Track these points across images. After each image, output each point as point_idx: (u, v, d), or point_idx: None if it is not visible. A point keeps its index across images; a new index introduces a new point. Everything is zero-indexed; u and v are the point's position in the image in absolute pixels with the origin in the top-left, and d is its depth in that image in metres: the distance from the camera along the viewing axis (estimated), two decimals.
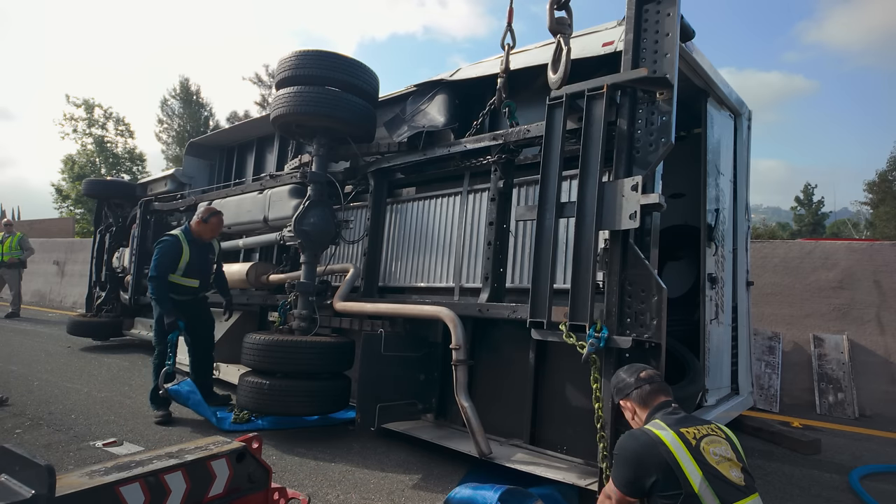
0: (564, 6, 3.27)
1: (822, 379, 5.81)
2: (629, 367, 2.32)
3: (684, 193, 5.04)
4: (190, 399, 4.02)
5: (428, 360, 3.87)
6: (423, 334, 3.94)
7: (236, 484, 2.03)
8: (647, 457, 1.82)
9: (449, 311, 3.51)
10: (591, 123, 2.91)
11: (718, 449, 1.84)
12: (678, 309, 4.34)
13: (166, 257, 4.34)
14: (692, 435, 1.85)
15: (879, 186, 28.95)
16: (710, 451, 1.82)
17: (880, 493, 3.31)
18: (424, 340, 3.91)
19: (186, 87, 32.12)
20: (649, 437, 1.86)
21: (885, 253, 6.03)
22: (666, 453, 1.79)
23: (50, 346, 7.32)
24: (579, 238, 2.84)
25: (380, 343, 3.52)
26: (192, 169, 7.48)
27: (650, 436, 1.87)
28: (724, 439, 1.90)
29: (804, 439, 4.18)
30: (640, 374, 2.20)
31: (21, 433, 3.59)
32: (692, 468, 1.75)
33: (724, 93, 4.12)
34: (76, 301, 12.59)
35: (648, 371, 2.22)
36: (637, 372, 2.22)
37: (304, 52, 4.31)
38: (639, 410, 2.14)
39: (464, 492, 2.58)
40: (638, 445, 1.87)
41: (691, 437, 1.84)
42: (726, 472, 1.78)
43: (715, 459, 1.80)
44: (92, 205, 18.82)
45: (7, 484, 1.52)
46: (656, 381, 2.18)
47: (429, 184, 4.64)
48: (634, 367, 2.30)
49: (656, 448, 1.82)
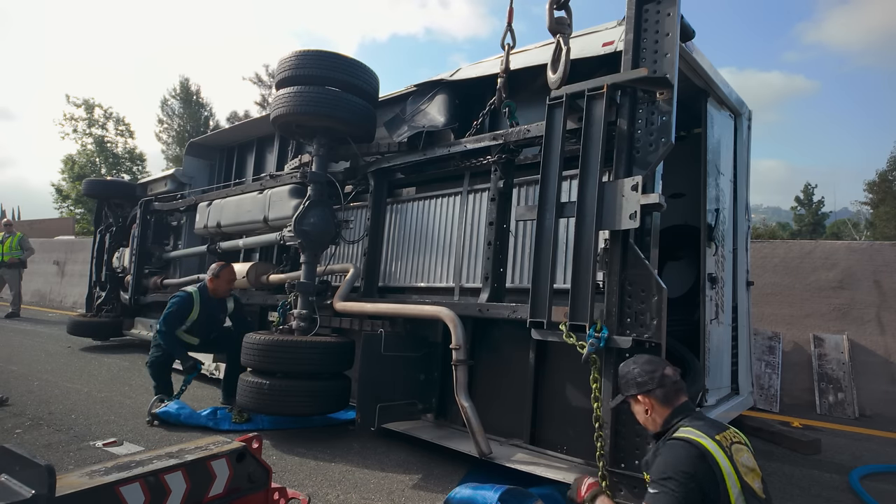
0: (564, 6, 3.27)
1: (822, 379, 5.81)
2: (647, 360, 2.12)
3: (684, 193, 5.04)
4: (181, 415, 4.01)
5: (428, 360, 3.87)
6: (423, 334, 3.93)
7: (236, 484, 2.03)
8: (701, 472, 1.68)
9: (449, 311, 3.51)
10: (591, 123, 2.91)
11: (743, 458, 1.75)
12: (678, 309, 4.34)
13: (174, 315, 4.50)
14: (726, 443, 1.75)
15: (879, 186, 28.96)
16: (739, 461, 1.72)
17: (880, 493, 3.31)
18: (424, 340, 3.91)
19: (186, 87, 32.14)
20: (697, 449, 1.72)
21: (885, 253, 6.03)
22: (714, 466, 1.68)
23: (50, 346, 7.32)
24: (579, 238, 2.84)
25: (380, 343, 3.52)
26: (192, 169, 7.48)
27: (697, 447, 1.72)
28: (745, 446, 1.80)
29: (804, 439, 4.18)
30: (664, 370, 2.04)
31: (21, 433, 3.59)
32: (733, 481, 1.66)
33: (724, 93, 4.12)
34: (76, 301, 12.59)
35: (672, 368, 2.07)
36: (660, 367, 2.05)
37: (305, 52, 4.31)
38: (658, 408, 1.99)
39: (464, 492, 2.59)
40: (691, 459, 1.71)
41: (726, 445, 1.74)
42: (752, 483, 1.70)
43: (743, 470, 1.71)
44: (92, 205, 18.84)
45: (7, 484, 1.52)
46: (679, 380, 2.04)
47: (429, 184, 4.64)
48: (654, 361, 2.11)
49: (705, 460, 1.69)
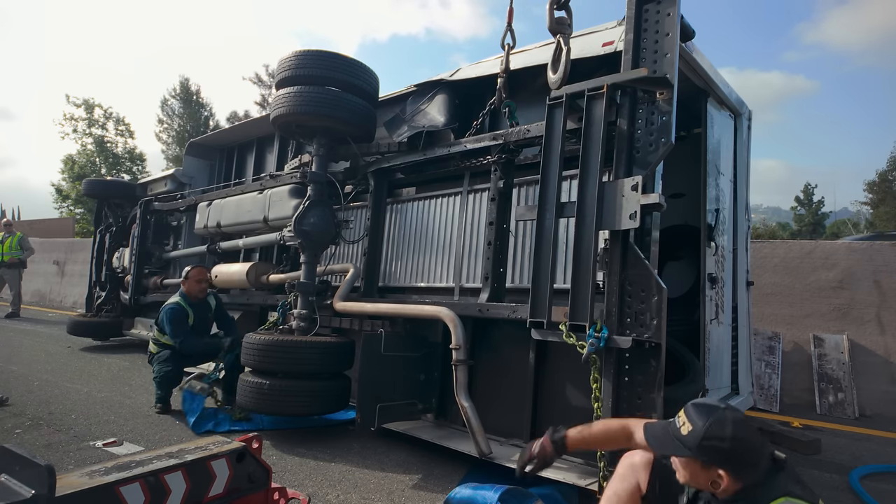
0: (564, 6, 3.27)
1: (822, 379, 5.81)
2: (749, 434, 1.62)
3: (684, 193, 5.04)
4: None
5: (428, 360, 3.87)
6: (423, 334, 3.93)
7: (236, 484, 2.03)
8: None
9: (449, 311, 3.51)
10: (591, 123, 2.91)
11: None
12: (678, 309, 4.34)
13: (177, 322, 4.55)
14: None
15: (879, 186, 28.98)
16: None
17: (880, 493, 3.31)
18: (424, 340, 3.91)
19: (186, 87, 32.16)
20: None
21: (885, 253, 6.03)
22: None
23: (50, 346, 7.32)
24: (579, 238, 2.84)
25: (380, 343, 3.52)
26: (192, 169, 7.48)
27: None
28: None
29: (804, 439, 4.17)
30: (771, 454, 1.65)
31: (21, 433, 3.59)
32: None
33: (724, 93, 4.12)
34: (76, 301, 12.59)
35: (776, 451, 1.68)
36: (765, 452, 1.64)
37: (304, 52, 4.31)
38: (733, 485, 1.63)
39: (464, 492, 2.58)
40: None
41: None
42: None
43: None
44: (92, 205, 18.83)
45: (7, 484, 1.52)
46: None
47: (429, 184, 4.63)
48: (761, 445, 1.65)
49: None
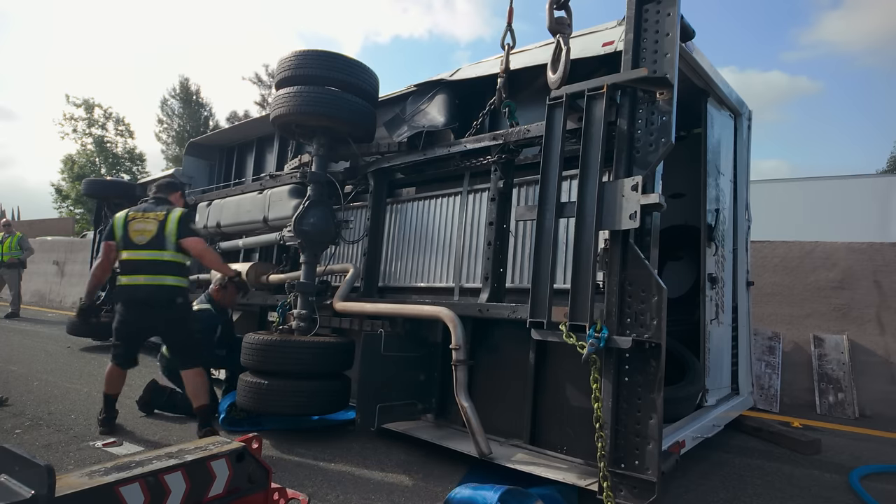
0: (564, 6, 3.26)
1: (822, 379, 5.81)
2: None
3: (684, 193, 5.05)
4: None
5: (428, 361, 3.87)
6: (422, 334, 3.93)
7: (236, 484, 2.03)
8: None
9: (449, 312, 3.51)
10: (591, 123, 2.91)
11: None
12: (678, 309, 4.35)
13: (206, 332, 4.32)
14: None
15: None
16: None
17: (880, 493, 3.31)
18: (424, 340, 3.91)
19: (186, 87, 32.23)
20: None
21: (885, 253, 6.03)
22: None
23: (50, 346, 7.32)
24: (579, 238, 2.84)
25: (380, 343, 3.52)
26: (192, 169, 7.47)
27: None
28: None
29: (804, 439, 4.18)
30: None
31: (21, 433, 3.59)
32: None
33: (724, 93, 4.12)
34: (76, 301, 12.57)
35: None
36: None
37: (304, 51, 4.31)
38: None
39: (464, 492, 2.58)
40: None
41: None
42: None
43: None
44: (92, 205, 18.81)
45: (7, 484, 1.52)
46: None
47: (429, 184, 4.63)
48: None
49: None
